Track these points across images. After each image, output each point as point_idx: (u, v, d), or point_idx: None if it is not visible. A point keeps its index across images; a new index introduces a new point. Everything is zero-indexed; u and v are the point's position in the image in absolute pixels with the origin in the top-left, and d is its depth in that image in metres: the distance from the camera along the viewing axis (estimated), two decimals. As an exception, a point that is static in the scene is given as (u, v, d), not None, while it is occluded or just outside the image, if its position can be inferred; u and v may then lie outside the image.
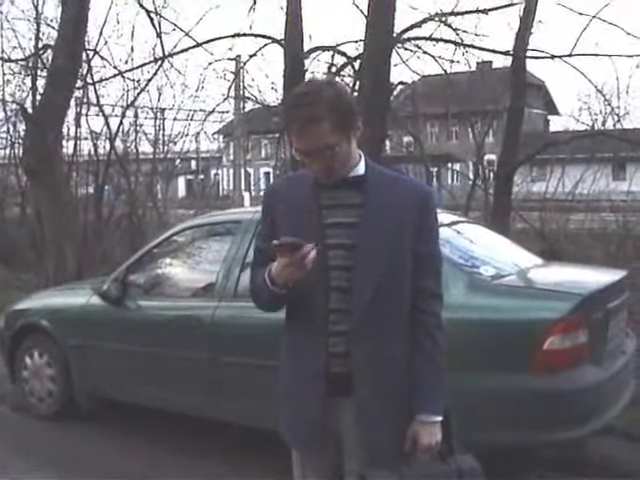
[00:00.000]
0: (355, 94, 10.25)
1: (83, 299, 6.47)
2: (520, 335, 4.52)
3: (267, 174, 35.55)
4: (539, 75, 23.68)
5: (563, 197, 16.10)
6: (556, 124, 32.89)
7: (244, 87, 16.25)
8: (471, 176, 16.34)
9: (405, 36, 10.54)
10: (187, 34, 12.99)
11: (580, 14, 10.92)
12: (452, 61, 12.18)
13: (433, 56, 12.11)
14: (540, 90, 25.93)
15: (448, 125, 24.52)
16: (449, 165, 25.24)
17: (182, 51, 12.97)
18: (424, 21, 10.62)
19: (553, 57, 11.17)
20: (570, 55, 11.18)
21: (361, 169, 2.71)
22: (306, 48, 11.39)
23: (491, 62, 18.52)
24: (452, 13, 11.15)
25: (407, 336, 2.70)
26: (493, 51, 11.54)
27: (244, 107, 19.68)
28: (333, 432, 2.74)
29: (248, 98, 16.80)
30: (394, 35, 10.15)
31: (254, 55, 12.54)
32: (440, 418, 2.73)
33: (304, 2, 10.80)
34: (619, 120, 12.61)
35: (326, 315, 2.65)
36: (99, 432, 6.35)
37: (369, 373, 2.65)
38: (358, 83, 10.81)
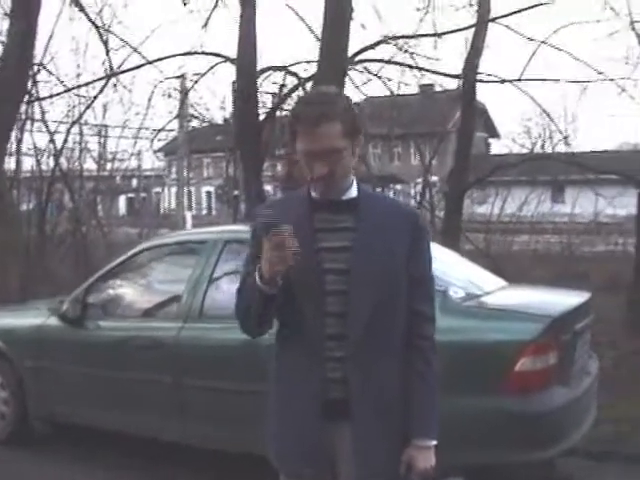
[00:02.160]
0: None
1: (40, 319, 6.32)
2: (492, 357, 4.55)
3: (209, 193, 35.48)
4: (479, 98, 24.00)
5: (507, 219, 16.39)
6: (496, 147, 33.36)
7: (191, 105, 16.13)
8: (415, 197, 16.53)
9: (358, 58, 10.55)
10: (135, 50, 12.85)
11: (530, 39, 11.10)
12: (403, 83, 12.30)
13: (380, 77, 12.18)
14: (481, 113, 26.31)
15: (391, 146, 24.71)
16: (392, 186, 25.44)
17: (131, 69, 12.84)
18: (378, 43, 10.69)
19: (503, 81, 11.35)
20: (519, 80, 11.39)
21: (354, 191, 2.69)
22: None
23: (433, 85, 18.78)
24: (405, 36, 11.25)
25: (401, 359, 2.69)
26: (445, 74, 11.70)
27: (189, 125, 19.58)
28: (328, 458, 2.70)
29: (194, 117, 16.70)
30: (348, 56, 10.18)
31: (205, 74, 12.44)
32: (435, 442, 2.73)
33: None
34: (567, 143, 12.85)
35: (323, 341, 2.61)
36: (52, 457, 6.19)
37: (367, 399, 2.62)
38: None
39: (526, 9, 10.77)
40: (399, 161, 34.96)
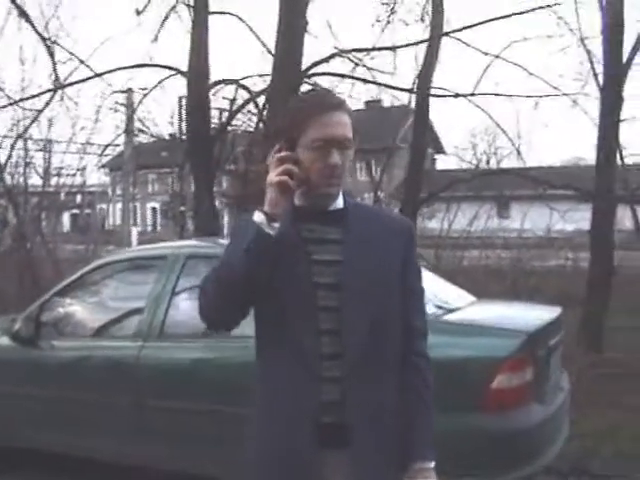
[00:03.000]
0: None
1: (-10, 339, 6.03)
2: (468, 374, 4.44)
3: (154, 209, 35.01)
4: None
5: (457, 235, 16.43)
6: (442, 163, 33.54)
7: (138, 119, 15.86)
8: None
9: (313, 71, 10.45)
10: (83, 62, 12.56)
11: (485, 54, 11.13)
12: (354, 98, 12.25)
13: (330, 91, 12.09)
14: (428, 128, 26.36)
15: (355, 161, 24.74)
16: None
17: (78, 81, 12.52)
18: (332, 57, 10.60)
19: (456, 96, 11.33)
20: (473, 94, 11.39)
21: (340, 202, 2.53)
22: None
23: (381, 100, 18.82)
24: (359, 49, 11.18)
25: (397, 377, 2.54)
26: (398, 88, 11.66)
27: (136, 140, 19.29)
28: None
29: (142, 131, 16.42)
30: (302, 70, 10.07)
31: (155, 87, 12.20)
32: (434, 464, 2.58)
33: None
34: (521, 157, 12.91)
35: (318, 360, 2.43)
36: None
37: (365, 422, 2.45)
38: (264, 119, 10.69)
39: (479, 24, 10.74)
40: (350, 177, 34.93)
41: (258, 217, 2.35)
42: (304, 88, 10.49)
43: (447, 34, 11.47)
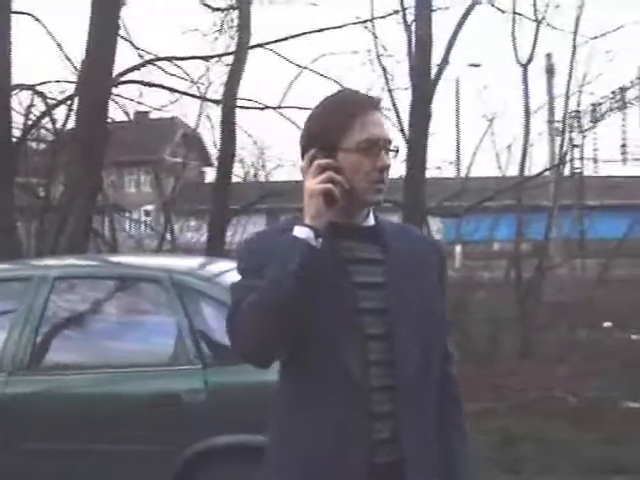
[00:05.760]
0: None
1: None
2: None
3: None
4: (194, 127, 23.72)
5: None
6: (211, 175, 33.28)
7: None
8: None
9: (123, 79, 9.97)
10: None
11: (299, 66, 11.17)
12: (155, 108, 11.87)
13: (117, 103, 11.67)
14: (197, 141, 26.10)
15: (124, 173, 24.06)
16: (124, 214, 24.71)
17: None
18: (143, 64, 10.16)
19: (264, 108, 11.28)
20: (280, 107, 11.40)
21: (372, 219, 2.30)
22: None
23: (148, 112, 18.45)
24: (167, 58, 10.81)
25: (436, 406, 2.32)
26: (205, 99, 11.39)
27: None
28: None
29: None
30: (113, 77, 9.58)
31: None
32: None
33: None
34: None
35: (368, 394, 2.17)
36: None
37: (421, 459, 2.23)
38: (70, 126, 10.04)
39: (290, 37, 10.78)
40: (135, 188, 34.14)
41: (303, 232, 2.07)
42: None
43: (254, 47, 11.39)
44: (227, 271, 5.24)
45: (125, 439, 4.53)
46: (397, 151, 2.24)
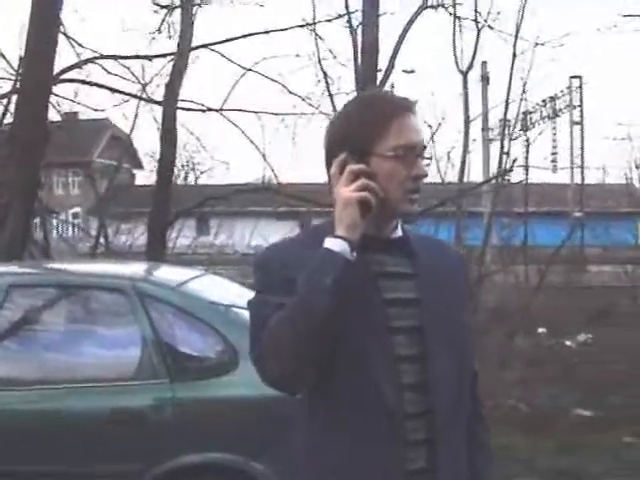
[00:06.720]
0: None
1: None
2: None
3: None
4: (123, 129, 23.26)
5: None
6: (141, 178, 32.69)
7: None
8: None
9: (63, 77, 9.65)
10: None
11: (243, 68, 11.01)
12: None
13: (52, 104, 11.33)
14: (127, 145, 25.64)
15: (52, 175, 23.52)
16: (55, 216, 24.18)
17: None
18: (85, 62, 9.86)
19: (206, 110, 11.10)
20: (222, 109, 11.22)
21: (399, 230, 2.15)
22: None
23: (77, 113, 18.13)
24: (110, 56, 10.52)
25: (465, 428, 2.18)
26: (146, 100, 11.12)
27: None
28: None
29: None
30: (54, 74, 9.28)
31: None
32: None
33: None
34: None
35: (401, 420, 2.01)
36: None
37: None
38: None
39: (233, 39, 10.61)
40: (63, 190, 33.40)
41: (337, 244, 1.91)
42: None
43: (196, 48, 11.19)
44: (191, 279, 5.07)
45: (83, 459, 4.31)
46: (430, 159, 2.12)
